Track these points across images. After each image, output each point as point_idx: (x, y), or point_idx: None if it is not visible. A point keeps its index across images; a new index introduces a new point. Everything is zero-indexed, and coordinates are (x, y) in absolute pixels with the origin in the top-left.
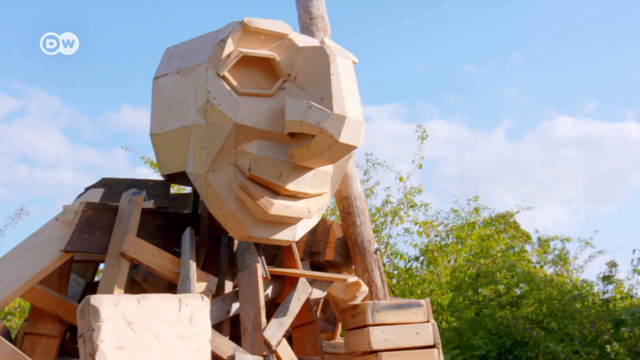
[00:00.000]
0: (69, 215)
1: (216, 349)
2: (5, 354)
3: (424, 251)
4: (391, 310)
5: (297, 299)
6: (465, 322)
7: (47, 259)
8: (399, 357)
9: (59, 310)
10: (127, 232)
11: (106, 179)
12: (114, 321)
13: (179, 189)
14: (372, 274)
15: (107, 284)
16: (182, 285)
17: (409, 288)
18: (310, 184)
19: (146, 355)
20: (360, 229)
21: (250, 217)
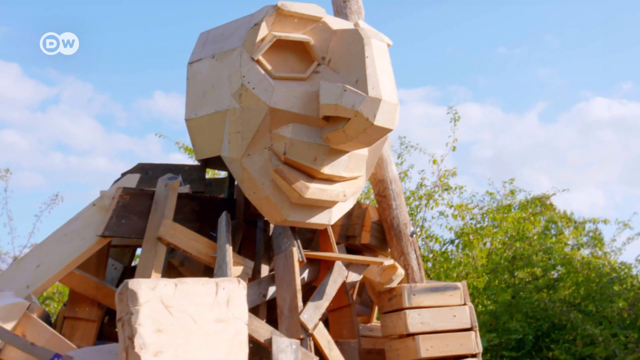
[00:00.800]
0: (106, 200)
1: (253, 333)
2: (46, 338)
3: (460, 234)
4: (428, 293)
5: (333, 282)
6: (501, 305)
7: (85, 243)
8: (435, 340)
9: (97, 294)
10: (164, 216)
11: (142, 164)
12: (152, 305)
13: (214, 174)
14: (408, 257)
15: (145, 268)
16: (218, 269)
17: (445, 271)
18: (346, 167)
19: (184, 339)
20: (396, 212)
21: (285, 201)
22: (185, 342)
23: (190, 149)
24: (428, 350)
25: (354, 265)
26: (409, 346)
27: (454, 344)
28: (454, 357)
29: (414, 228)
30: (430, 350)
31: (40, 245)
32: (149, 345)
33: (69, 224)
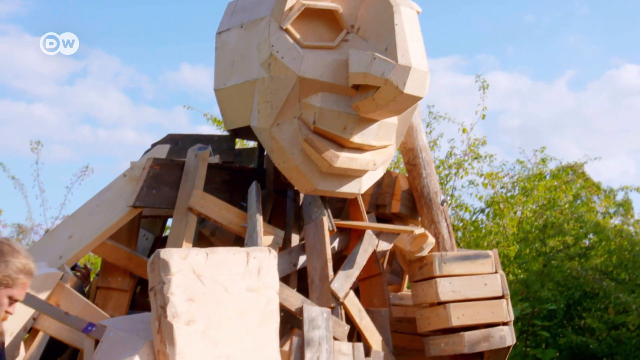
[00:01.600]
0: (137, 171)
1: (284, 301)
2: (79, 307)
3: (490, 203)
4: (459, 261)
5: (363, 251)
6: (532, 274)
7: (116, 214)
8: (466, 308)
9: (129, 264)
10: (194, 187)
11: (172, 135)
12: (184, 274)
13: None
14: (439, 226)
15: (176, 238)
16: (249, 238)
17: (475, 240)
18: (375, 136)
19: (215, 307)
20: (426, 180)
21: (315, 170)
22: (217, 311)
23: (218, 120)
24: (459, 319)
25: (384, 234)
26: (439, 314)
27: (485, 312)
28: (485, 325)
29: (444, 196)
30: (462, 319)
31: (72, 216)
32: (181, 314)
33: (100, 195)
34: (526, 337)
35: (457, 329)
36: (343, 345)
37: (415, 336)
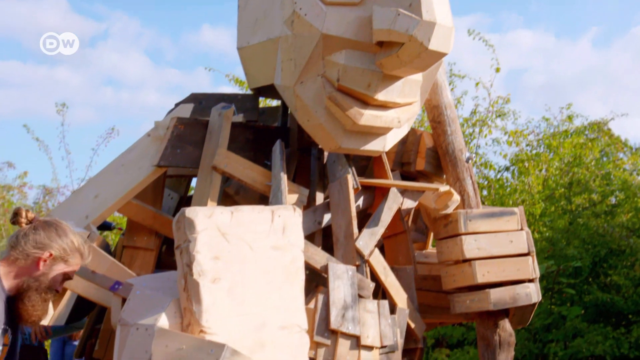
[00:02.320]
0: (161, 130)
1: (309, 259)
2: (106, 266)
3: (515, 161)
4: (484, 218)
5: (388, 209)
6: (558, 232)
7: (141, 174)
8: (492, 265)
9: (154, 223)
10: (218, 146)
11: (195, 94)
12: (209, 233)
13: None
14: (464, 183)
15: (200, 197)
16: (273, 197)
17: (500, 199)
18: (400, 93)
19: (241, 266)
20: (451, 137)
21: (339, 128)
22: (242, 269)
23: (240, 81)
24: (484, 276)
25: (409, 192)
26: (465, 272)
27: (510, 269)
28: (510, 282)
29: (469, 153)
30: (487, 276)
31: (98, 176)
32: (207, 272)
33: (124, 154)
34: (551, 294)
35: (483, 286)
36: (368, 302)
37: (440, 294)
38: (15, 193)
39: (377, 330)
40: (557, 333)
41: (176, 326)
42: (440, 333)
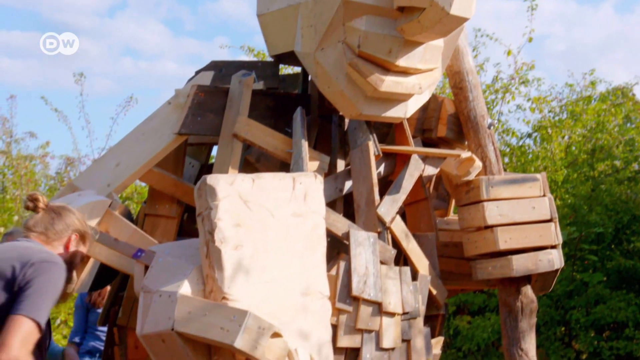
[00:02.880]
0: (181, 98)
1: (330, 226)
2: (128, 234)
3: (537, 127)
4: (506, 185)
5: (409, 175)
6: (580, 198)
7: (162, 142)
8: (514, 231)
9: (176, 191)
10: (239, 113)
11: (215, 61)
12: (231, 200)
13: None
14: (486, 149)
15: (221, 165)
16: (294, 164)
17: (522, 166)
18: (421, 59)
19: (262, 233)
20: (472, 103)
21: (360, 95)
22: (264, 236)
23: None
24: (507, 242)
25: (430, 159)
26: (487, 238)
27: (533, 235)
28: (533, 249)
29: (491, 120)
30: (509, 242)
31: (119, 144)
32: (229, 239)
33: (145, 123)
34: (574, 261)
35: (505, 252)
36: (390, 269)
37: (462, 260)
38: (37, 163)
39: (398, 296)
40: (579, 300)
41: (198, 293)
42: (462, 300)
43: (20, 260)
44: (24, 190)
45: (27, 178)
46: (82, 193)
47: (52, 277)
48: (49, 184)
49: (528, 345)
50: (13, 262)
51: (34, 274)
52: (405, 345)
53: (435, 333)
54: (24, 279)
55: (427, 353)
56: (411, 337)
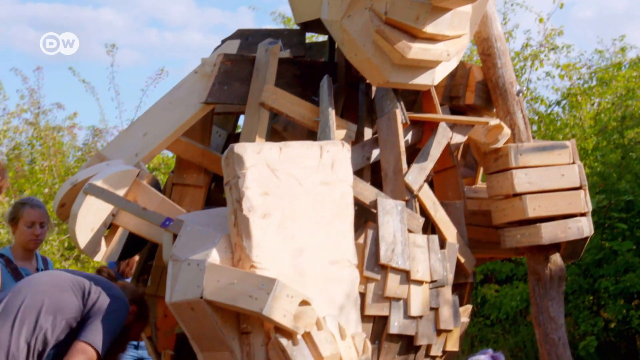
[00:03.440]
0: (208, 67)
1: (358, 195)
2: (156, 203)
3: (566, 95)
4: (535, 152)
5: (437, 143)
6: (610, 166)
7: (189, 111)
8: (543, 199)
9: (203, 161)
10: (265, 82)
11: (241, 30)
12: (258, 168)
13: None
14: (515, 117)
15: (249, 133)
16: (321, 132)
17: (550, 134)
18: (449, 25)
19: (290, 201)
20: (501, 70)
21: (387, 62)
22: (292, 204)
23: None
24: (535, 210)
25: (458, 126)
26: (515, 206)
27: (562, 203)
28: (562, 216)
29: (520, 87)
30: (538, 210)
31: (146, 114)
32: (257, 207)
33: (172, 92)
34: (603, 229)
35: (534, 220)
36: (418, 237)
37: (490, 229)
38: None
39: (426, 265)
40: (608, 268)
41: (227, 261)
42: (489, 269)
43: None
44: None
45: (55, 149)
46: (110, 163)
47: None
48: (76, 155)
49: (557, 313)
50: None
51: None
52: (433, 313)
53: (463, 301)
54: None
55: (455, 321)
56: (439, 305)
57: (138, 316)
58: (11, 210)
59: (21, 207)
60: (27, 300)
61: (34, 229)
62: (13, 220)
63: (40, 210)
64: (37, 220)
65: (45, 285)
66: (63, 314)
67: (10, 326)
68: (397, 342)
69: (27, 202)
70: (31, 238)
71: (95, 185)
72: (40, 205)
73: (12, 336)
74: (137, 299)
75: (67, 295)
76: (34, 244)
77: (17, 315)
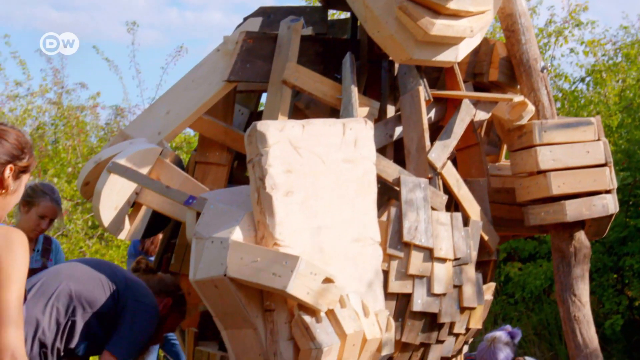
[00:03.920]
0: (230, 45)
1: (381, 172)
2: (179, 181)
3: (591, 72)
4: (560, 129)
5: (460, 120)
6: (635, 143)
7: (211, 89)
8: (567, 176)
9: (225, 139)
10: (288, 59)
11: (263, 7)
12: (281, 146)
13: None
14: (539, 93)
15: (271, 112)
16: (344, 110)
17: (574, 111)
18: (473, 1)
19: (313, 179)
20: (525, 47)
21: (410, 39)
22: (315, 182)
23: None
24: (560, 187)
25: (482, 103)
26: (539, 183)
27: (587, 180)
28: (586, 194)
29: (544, 63)
30: (562, 187)
31: (168, 92)
32: (280, 185)
33: (194, 70)
34: (627, 207)
35: (558, 197)
36: (441, 215)
37: (513, 206)
38: (88, 113)
39: (450, 242)
40: (633, 246)
41: (250, 239)
42: (512, 247)
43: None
44: (76, 141)
45: (79, 129)
46: (133, 141)
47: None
48: (99, 135)
49: (581, 291)
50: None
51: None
52: (456, 291)
53: (487, 279)
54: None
55: (479, 299)
56: (462, 282)
57: (173, 309)
58: (30, 191)
59: (42, 195)
60: (63, 286)
61: (43, 221)
62: (28, 202)
63: (57, 208)
64: (51, 216)
65: (83, 275)
66: (93, 307)
67: (43, 305)
68: (421, 319)
69: (49, 193)
70: (36, 229)
71: (119, 164)
72: (59, 201)
73: (44, 315)
74: (173, 292)
75: (99, 292)
76: (35, 235)
77: (52, 297)
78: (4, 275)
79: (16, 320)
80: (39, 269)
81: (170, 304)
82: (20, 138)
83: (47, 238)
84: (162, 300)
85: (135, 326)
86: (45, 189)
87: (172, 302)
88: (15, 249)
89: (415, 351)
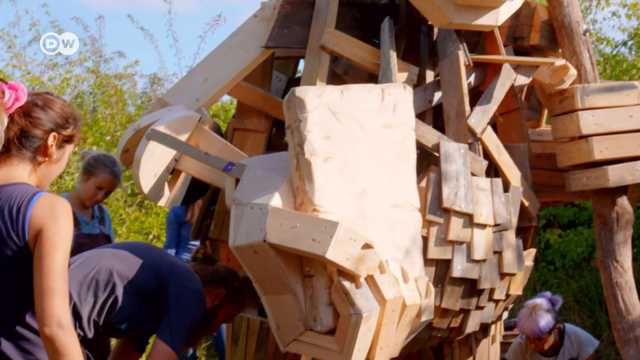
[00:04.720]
0: (267, 11)
1: (420, 138)
2: (218, 148)
3: (633, 35)
4: (602, 93)
5: (501, 85)
6: None
7: (249, 55)
8: (610, 141)
9: (264, 105)
10: (326, 25)
11: None
12: (320, 112)
13: None
14: (581, 57)
15: (309, 77)
16: (383, 75)
17: (616, 76)
18: None
19: (352, 145)
20: (567, 9)
21: (450, 3)
22: (354, 147)
23: None
24: (602, 152)
25: (522, 67)
26: (581, 148)
27: (630, 144)
28: (629, 159)
29: (587, 26)
30: (605, 152)
31: (206, 59)
32: (319, 151)
33: (232, 37)
34: None
35: (600, 162)
36: (481, 180)
37: (554, 172)
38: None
39: (490, 208)
40: None
41: (289, 205)
42: (552, 213)
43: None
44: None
45: (117, 97)
46: (172, 108)
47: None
48: (136, 103)
49: (623, 257)
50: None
51: None
52: (496, 257)
53: (527, 245)
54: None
55: (519, 265)
56: (502, 248)
57: (227, 299)
58: (92, 161)
59: (102, 167)
60: (105, 262)
61: (100, 192)
62: (88, 171)
63: (116, 180)
64: (107, 188)
65: (128, 257)
66: (135, 288)
67: (83, 276)
68: (460, 285)
69: (109, 165)
70: (93, 199)
71: (158, 131)
72: (118, 174)
73: (81, 287)
74: (227, 282)
75: (143, 273)
76: (91, 204)
77: (92, 271)
78: (49, 243)
79: (61, 288)
80: (97, 235)
81: (223, 294)
82: (66, 108)
83: (100, 207)
84: (215, 290)
85: (180, 311)
86: (106, 160)
87: (226, 293)
88: (61, 217)
89: (455, 317)
